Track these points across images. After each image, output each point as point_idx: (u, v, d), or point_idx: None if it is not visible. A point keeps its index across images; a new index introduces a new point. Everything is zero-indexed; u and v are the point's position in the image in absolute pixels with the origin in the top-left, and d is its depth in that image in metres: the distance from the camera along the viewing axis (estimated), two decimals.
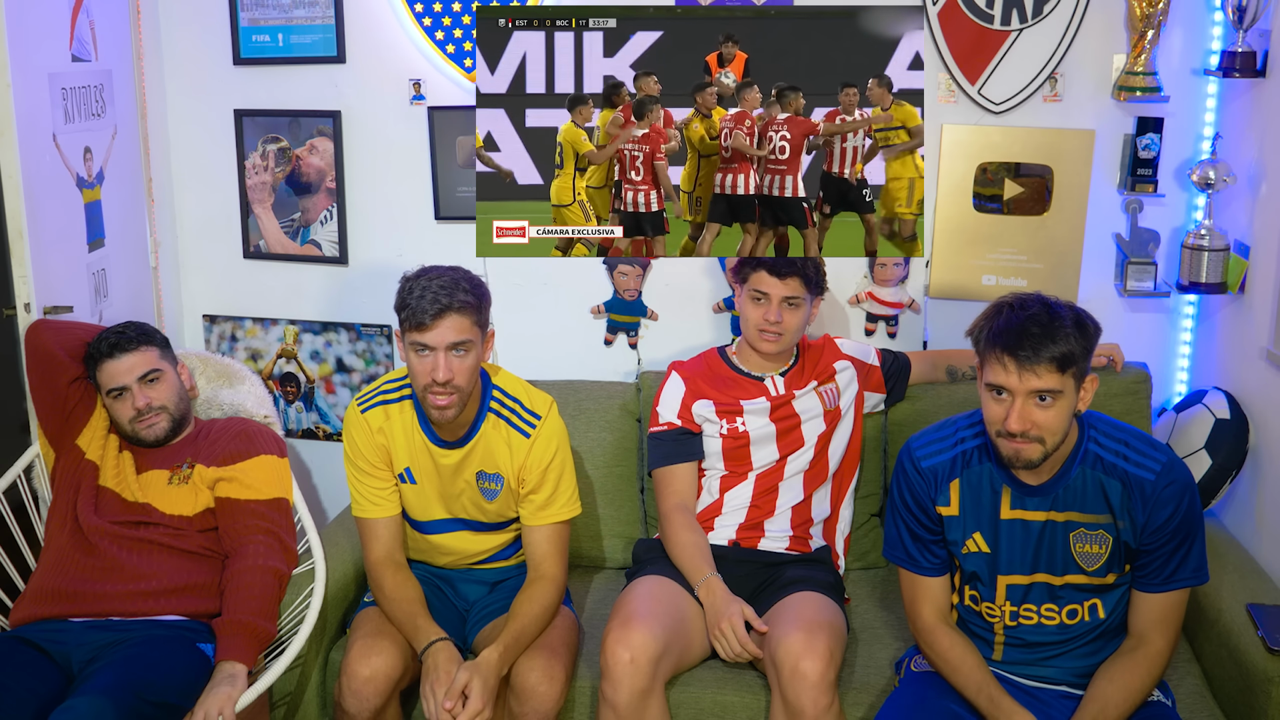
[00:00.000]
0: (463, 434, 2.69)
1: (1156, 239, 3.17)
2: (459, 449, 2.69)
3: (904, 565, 2.44)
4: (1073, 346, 2.16)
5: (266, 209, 3.50)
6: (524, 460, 2.69)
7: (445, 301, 2.51)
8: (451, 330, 2.53)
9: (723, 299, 3.36)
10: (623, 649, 2.47)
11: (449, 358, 2.54)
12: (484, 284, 2.64)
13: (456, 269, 2.62)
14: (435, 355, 2.53)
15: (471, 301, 2.55)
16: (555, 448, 2.71)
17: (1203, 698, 2.54)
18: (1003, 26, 3.12)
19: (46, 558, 2.76)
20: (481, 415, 2.69)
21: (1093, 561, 2.29)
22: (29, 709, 2.38)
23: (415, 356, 2.56)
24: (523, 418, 2.71)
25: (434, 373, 2.53)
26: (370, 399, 2.74)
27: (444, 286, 2.53)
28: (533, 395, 2.76)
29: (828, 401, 2.92)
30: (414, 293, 2.53)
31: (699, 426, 2.93)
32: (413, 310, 2.52)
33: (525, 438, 2.69)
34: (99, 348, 2.82)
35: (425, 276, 2.56)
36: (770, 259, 2.83)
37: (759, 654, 2.57)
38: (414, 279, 2.57)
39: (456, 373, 2.54)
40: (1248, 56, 2.90)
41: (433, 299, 2.51)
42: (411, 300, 2.53)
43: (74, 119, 3.03)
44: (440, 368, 2.53)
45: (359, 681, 2.53)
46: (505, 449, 2.69)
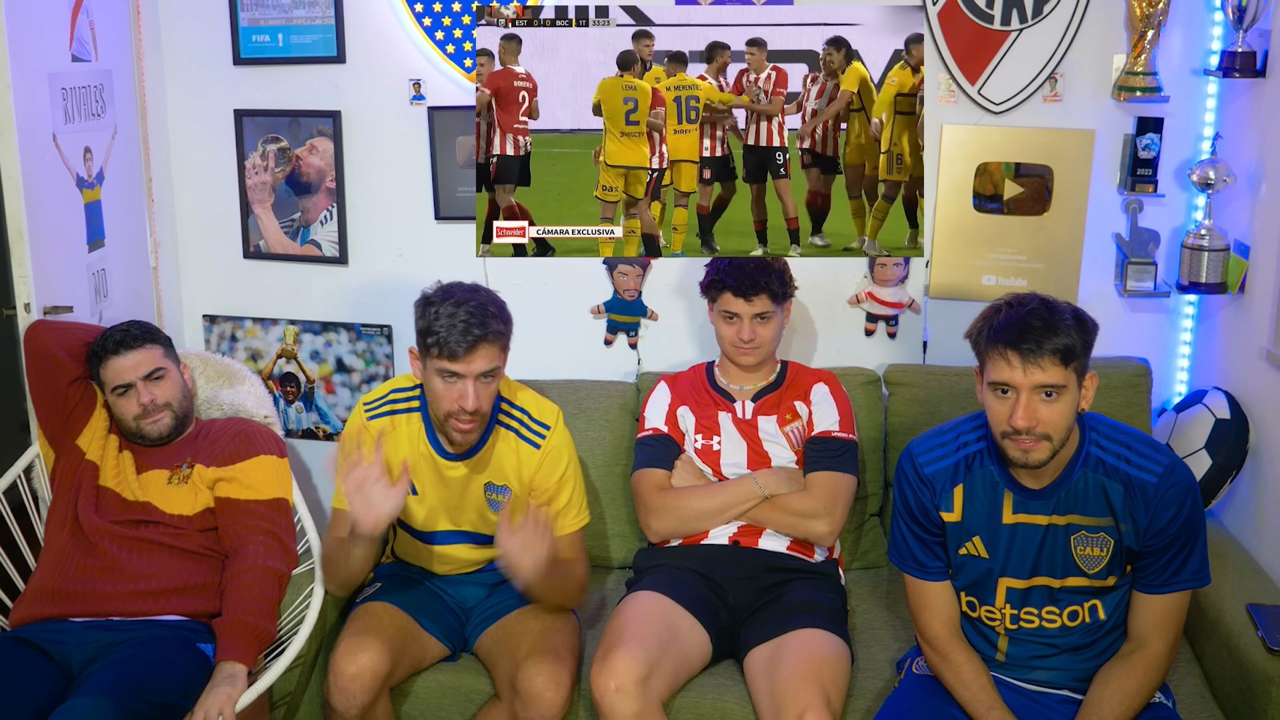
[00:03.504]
0: (469, 446, 2.66)
1: (1156, 239, 3.17)
2: (466, 460, 2.67)
3: (912, 572, 2.42)
4: (1074, 339, 2.16)
5: (266, 209, 3.50)
6: (534, 472, 2.67)
7: (479, 333, 2.46)
8: (484, 360, 2.48)
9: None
10: (606, 678, 2.45)
11: (478, 385, 2.50)
12: (506, 305, 2.59)
13: (478, 290, 2.55)
14: (464, 383, 2.49)
15: (503, 330, 2.52)
16: (566, 459, 2.70)
17: (1203, 698, 2.54)
18: (1003, 26, 3.12)
19: (46, 558, 2.76)
20: (489, 427, 2.67)
21: (1093, 564, 2.29)
22: (29, 709, 2.38)
23: (441, 382, 2.51)
24: (532, 429, 2.68)
25: (462, 400, 2.49)
26: (378, 407, 2.71)
27: (473, 314, 2.46)
28: (541, 405, 2.73)
29: (794, 441, 2.92)
30: (441, 319, 2.46)
31: (682, 434, 2.95)
32: (442, 339, 2.45)
33: (535, 449, 2.67)
34: (104, 345, 2.82)
35: (452, 300, 2.48)
36: (734, 281, 2.82)
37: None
38: (440, 302, 2.49)
39: (484, 399, 2.53)
40: (1248, 56, 2.90)
41: (464, 329, 2.45)
42: (440, 328, 2.46)
43: (74, 119, 3.03)
44: (470, 396, 2.49)
45: (345, 679, 2.52)
46: (514, 459, 2.68)
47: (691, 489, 2.88)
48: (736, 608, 2.75)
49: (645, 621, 2.60)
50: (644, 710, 2.45)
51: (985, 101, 3.18)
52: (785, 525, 2.82)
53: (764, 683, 2.53)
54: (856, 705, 2.56)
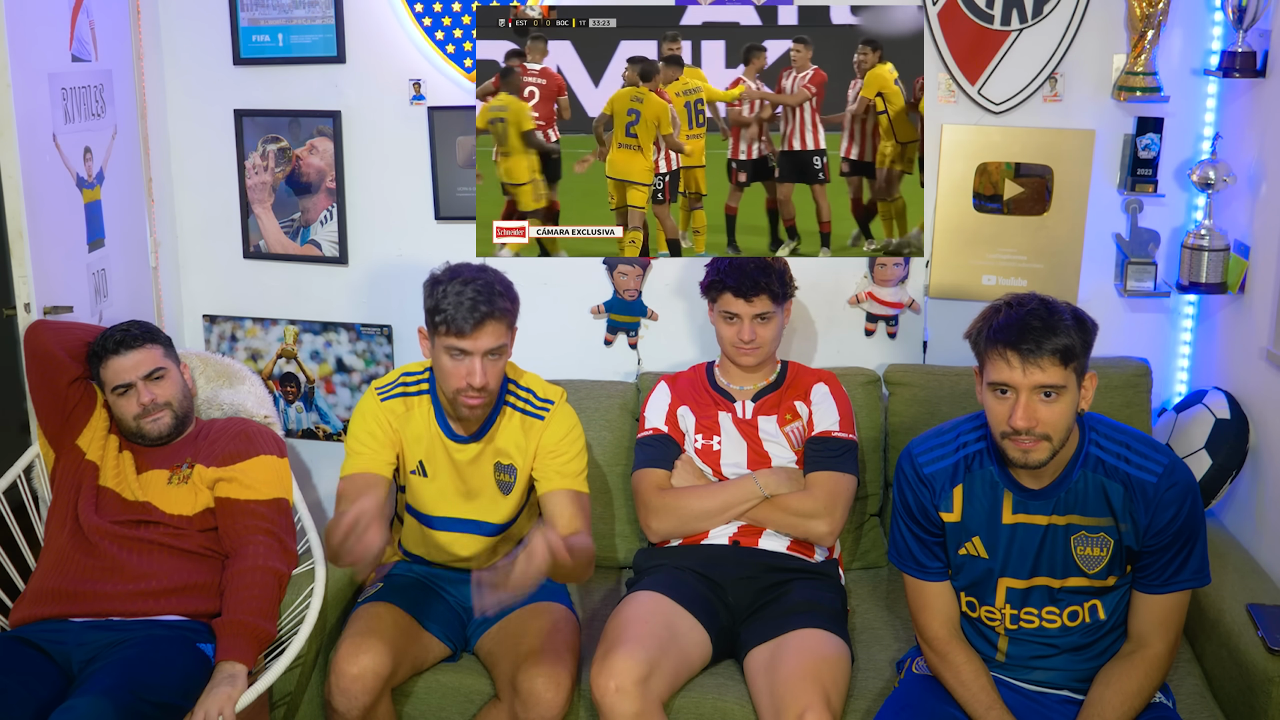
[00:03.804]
0: (478, 428, 2.70)
1: (1156, 239, 3.17)
2: (475, 443, 2.70)
3: (911, 572, 2.42)
4: (1073, 339, 2.16)
5: (266, 209, 3.50)
6: (539, 440, 2.70)
7: (485, 310, 2.50)
8: (491, 337, 2.53)
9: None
10: (606, 678, 2.46)
11: (485, 362, 2.54)
12: (514, 285, 2.63)
13: (487, 269, 2.60)
14: (472, 360, 2.53)
15: (509, 308, 2.56)
16: (569, 426, 2.73)
17: (1203, 698, 2.54)
18: (1003, 26, 3.12)
19: (46, 558, 2.76)
20: (497, 408, 2.71)
21: (1094, 564, 2.29)
22: (29, 709, 2.38)
23: (449, 359, 2.55)
24: (536, 406, 2.73)
25: (470, 377, 2.54)
26: (391, 389, 2.74)
27: (481, 291, 2.51)
28: (546, 387, 2.79)
29: (794, 441, 2.92)
30: (449, 296, 2.51)
31: (682, 434, 2.95)
32: (449, 316, 2.50)
33: (540, 420, 2.72)
34: (104, 345, 2.83)
35: (459, 279, 2.53)
36: (734, 281, 2.82)
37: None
38: (447, 281, 2.54)
39: (491, 376, 2.55)
40: (1248, 56, 2.90)
41: (471, 306, 2.49)
42: (448, 305, 2.50)
43: (74, 119, 3.03)
44: (478, 373, 2.53)
45: (347, 680, 2.52)
46: (520, 437, 2.71)
47: (691, 489, 2.88)
48: (736, 608, 2.75)
49: (645, 621, 2.60)
50: (644, 710, 2.46)
51: (985, 101, 3.18)
52: (785, 525, 2.82)
53: (764, 683, 2.53)
54: (856, 705, 2.56)
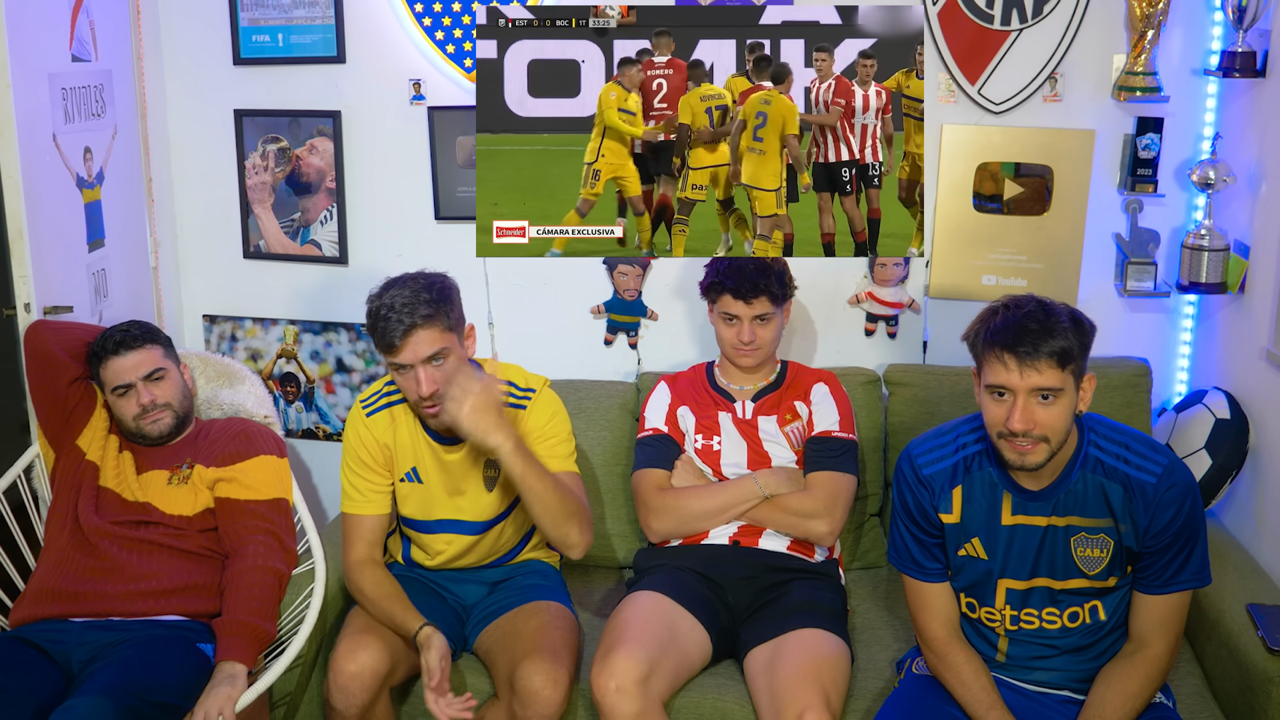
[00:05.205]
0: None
1: (1156, 239, 3.17)
2: (462, 446, 2.70)
3: (910, 573, 2.41)
4: (1071, 342, 2.15)
5: (266, 209, 3.50)
6: (524, 428, 2.69)
7: (409, 321, 2.50)
8: (423, 345, 2.52)
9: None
10: (606, 678, 2.46)
11: (428, 371, 2.54)
12: (447, 282, 2.62)
13: (416, 277, 2.60)
14: (414, 371, 2.54)
15: (433, 312, 2.53)
16: (554, 410, 2.74)
17: (1203, 698, 2.54)
18: (1003, 26, 3.12)
19: (46, 558, 2.76)
20: None
21: (1094, 565, 2.29)
22: (29, 709, 2.38)
23: (398, 375, 2.58)
24: (518, 396, 2.73)
25: (418, 389, 2.55)
26: (374, 402, 2.75)
27: (405, 303, 2.51)
28: (527, 377, 2.78)
29: (794, 441, 2.92)
30: (380, 314, 2.53)
31: (683, 434, 2.95)
32: (381, 333, 2.52)
33: (522, 409, 2.71)
34: (104, 345, 2.83)
35: (388, 294, 2.55)
36: (734, 283, 2.82)
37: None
38: (377, 297, 2.56)
39: (439, 382, 2.55)
40: (1248, 56, 2.90)
41: (396, 320, 2.50)
42: (379, 323, 2.53)
43: (74, 119, 3.03)
44: (422, 382, 2.54)
45: (345, 678, 2.53)
46: None
47: (691, 489, 2.88)
48: (736, 608, 2.75)
49: (645, 621, 2.60)
50: (644, 710, 2.46)
51: (985, 101, 3.18)
52: (785, 525, 2.82)
53: (764, 683, 2.53)
54: (856, 705, 2.56)
